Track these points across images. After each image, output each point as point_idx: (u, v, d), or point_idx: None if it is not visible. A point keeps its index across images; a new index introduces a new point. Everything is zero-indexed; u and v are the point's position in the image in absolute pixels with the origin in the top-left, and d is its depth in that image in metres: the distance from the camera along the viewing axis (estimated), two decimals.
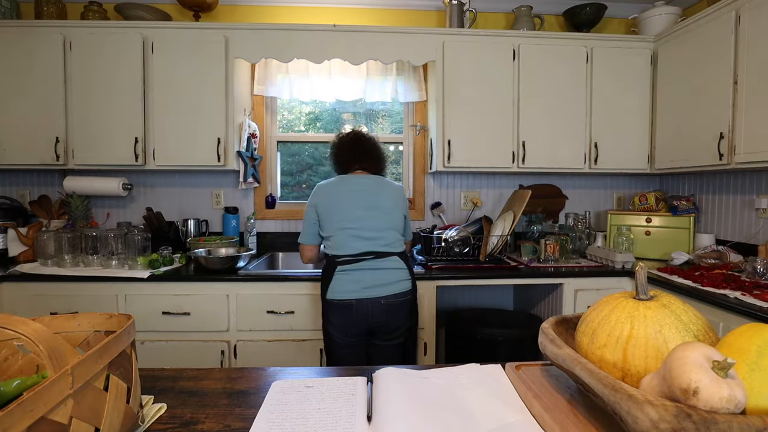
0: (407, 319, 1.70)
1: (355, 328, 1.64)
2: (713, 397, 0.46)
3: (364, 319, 1.62)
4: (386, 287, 1.64)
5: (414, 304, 1.73)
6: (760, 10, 1.74)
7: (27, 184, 2.55)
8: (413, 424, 0.66)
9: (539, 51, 2.30)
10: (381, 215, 1.69)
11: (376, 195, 1.71)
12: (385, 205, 1.71)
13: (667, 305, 0.62)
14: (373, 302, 1.62)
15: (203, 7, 2.40)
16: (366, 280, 1.63)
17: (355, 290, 1.62)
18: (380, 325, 1.65)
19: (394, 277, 1.66)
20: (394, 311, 1.65)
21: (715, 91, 1.94)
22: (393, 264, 1.67)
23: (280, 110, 2.75)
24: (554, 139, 2.33)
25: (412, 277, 1.72)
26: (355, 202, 1.68)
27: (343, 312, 1.62)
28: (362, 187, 1.71)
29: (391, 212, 1.72)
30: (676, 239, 2.29)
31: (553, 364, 0.78)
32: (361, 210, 1.67)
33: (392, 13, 2.62)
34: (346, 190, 1.70)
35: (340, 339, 1.65)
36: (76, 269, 1.96)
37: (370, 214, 1.68)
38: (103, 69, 2.16)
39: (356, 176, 1.76)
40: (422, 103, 2.67)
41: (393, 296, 1.64)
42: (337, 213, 1.67)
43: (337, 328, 1.64)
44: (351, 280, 1.63)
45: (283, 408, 0.73)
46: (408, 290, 1.69)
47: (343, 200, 1.68)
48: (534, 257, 2.23)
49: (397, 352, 1.72)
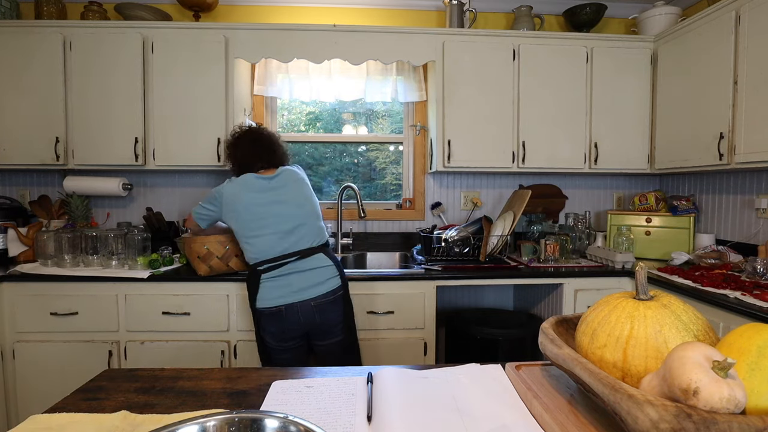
0: (341, 315, 1.67)
1: (289, 333, 1.61)
2: (713, 397, 0.46)
3: (296, 323, 1.60)
4: (315, 288, 1.61)
5: (346, 299, 1.70)
6: (760, 10, 1.74)
7: (27, 184, 2.55)
8: (413, 424, 0.66)
9: (539, 51, 2.29)
10: (294, 209, 1.66)
11: (283, 189, 1.67)
12: (295, 197, 1.67)
13: (667, 305, 0.62)
14: (303, 305, 1.59)
15: (203, 7, 2.40)
16: (293, 284, 1.59)
17: (283, 295, 1.59)
18: (315, 326, 1.62)
19: (322, 277, 1.63)
20: (327, 311, 1.62)
21: (715, 91, 1.94)
22: (319, 263, 1.64)
23: (281, 110, 2.75)
24: (554, 139, 2.33)
25: (340, 273, 1.69)
26: (267, 204, 1.63)
27: (274, 319, 1.59)
28: (269, 186, 1.66)
29: (305, 203, 1.69)
30: (676, 239, 2.29)
31: (553, 364, 0.78)
32: (274, 209, 1.63)
33: (392, 13, 2.62)
34: (255, 192, 1.64)
35: (276, 345, 1.62)
36: (76, 269, 1.96)
37: (285, 211, 1.64)
38: (103, 69, 2.16)
39: (259, 175, 1.69)
40: (422, 103, 2.67)
41: (323, 296, 1.61)
42: (251, 219, 1.62)
43: (271, 335, 1.61)
44: (278, 286, 1.59)
45: (283, 408, 0.73)
46: (338, 287, 1.66)
47: (254, 205, 1.63)
48: (534, 257, 2.23)
49: (338, 350, 1.69)
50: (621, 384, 0.53)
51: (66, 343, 1.90)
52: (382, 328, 1.95)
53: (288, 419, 0.55)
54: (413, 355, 1.97)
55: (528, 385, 0.74)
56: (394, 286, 1.95)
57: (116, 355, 1.91)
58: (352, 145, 2.81)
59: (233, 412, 0.58)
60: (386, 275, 1.96)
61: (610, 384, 0.53)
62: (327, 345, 1.67)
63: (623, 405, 0.51)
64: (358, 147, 2.82)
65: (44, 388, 1.91)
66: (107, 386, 0.83)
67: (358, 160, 2.83)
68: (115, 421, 0.70)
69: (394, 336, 1.96)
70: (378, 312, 1.95)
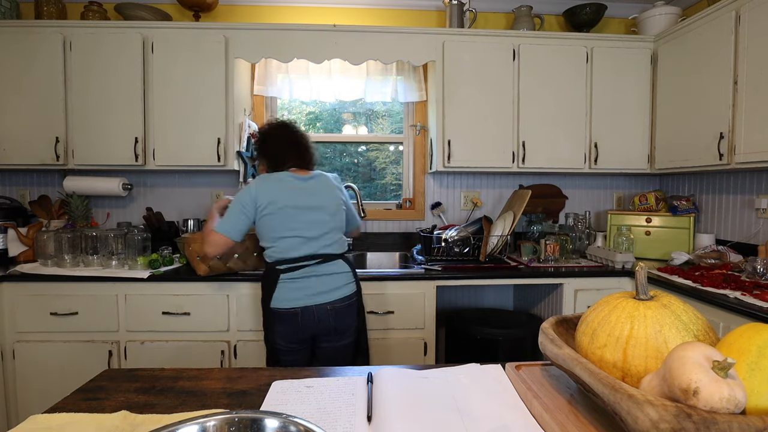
0: (355, 319, 1.67)
1: (301, 335, 1.60)
2: (713, 397, 0.46)
3: (310, 325, 1.59)
4: (332, 293, 1.60)
5: (360, 304, 1.71)
6: (760, 10, 1.74)
7: (27, 184, 2.55)
8: (413, 424, 0.66)
9: (539, 51, 2.29)
10: (326, 216, 1.63)
11: (319, 194, 1.64)
12: (329, 205, 1.64)
13: (667, 305, 0.62)
14: (319, 308, 1.58)
15: (203, 7, 2.40)
16: (312, 287, 1.58)
17: (301, 298, 1.57)
18: (328, 329, 1.61)
19: (340, 282, 1.63)
20: (341, 315, 1.62)
21: (715, 91, 1.94)
22: (338, 268, 1.64)
23: (281, 110, 2.75)
24: (554, 139, 2.33)
25: (356, 279, 1.69)
26: (301, 208, 1.59)
27: (288, 320, 1.58)
28: (305, 187, 1.62)
29: (337, 213, 1.67)
30: (676, 239, 2.29)
31: (553, 364, 0.78)
32: (308, 215, 1.60)
33: (392, 13, 2.62)
34: (290, 192, 1.59)
35: (284, 346, 1.61)
36: (76, 269, 1.96)
37: (316, 216, 1.61)
38: (103, 69, 2.16)
39: (295, 175, 1.64)
40: (422, 103, 2.67)
41: (339, 300, 1.61)
42: (283, 220, 1.57)
43: (282, 336, 1.60)
44: (296, 287, 1.58)
45: (283, 408, 0.73)
46: (353, 293, 1.66)
47: (289, 207, 1.58)
48: (534, 257, 2.23)
49: (346, 352, 1.69)
50: (621, 384, 0.53)
51: (66, 343, 1.90)
52: (382, 328, 1.95)
53: (288, 419, 0.55)
54: (413, 355, 1.97)
55: (528, 385, 0.74)
56: (394, 286, 1.95)
57: (116, 355, 1.91)
58: (352, 145, 2.81)
59: (233, 412, 0.58)
60: (386, 275, 1.96)
61: (610, 384, 0.53)
62: (334, 348, 1.67)
63: (623, 405, 0.51)
64: (358, 147, 2.82)
65: (44, 388, 1.91)
66: (107, 386, 0.83)
67: (358, 160, 2.83)
68: (115, 421, 0.70)
69: (394, 336, 1.97)
70: (378, 312, 1.95)
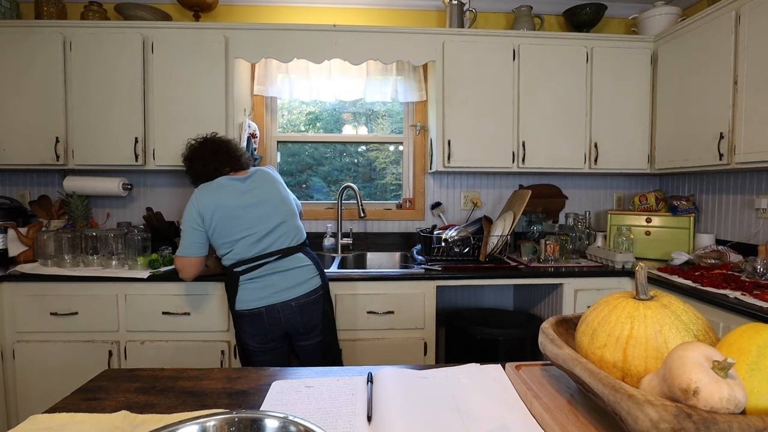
0: (321, 315, 1.66)
1: (270, 335, 1.60)
2: (713, 397, 0.46)
3: (277, 324, 1.58)
4: (295, 288, 1.59)
5: (327, 298, 1.69)
6: (760, 10, 1.74)
7: (27, 184, 2.55)
8: (413, 424, 0.66)
9: (539, 51, 2.29)
10: (273, 208, 1.62)
11: (260, 189, 1.63)
12: (273, 197, 1.64)
13: (667, 305, 0.62)
14: (284, 306, 1.57)
15: (203, 7, 2.40)
16: (274, 285, 1.57)
17: (264, 297, 1.56)
18: (296, 326, 1.61)
19: (303, 276, 1.61)
20: (307, 311, 1.61)
21: (715, 91, 1.94)
22: (299, 262, 1.62)
23: (281, 110, 2.75)
24: (554, 139, 2.33)
25: (320, 272, 1.67)
26: (245, 207, 1.59)
27: (254, 321, 1.57)
28: (245, 187, 1.62)
29: (284, 204, 1.66)
30: (676, 239, 2.29)
31: (553, 364, 0.78)
32: (253, 211, 1.59)
33: (392, 13, 2.62)
34: (233, 194, 1.59)
35: (257, 347, 1.60)
36: (76, 269, 1.96)
37: (262, 211, 1.60)
38: (103, 69, 2.16)
39: (233, 177, 1.64)
40: (422, 103, 2.67)
41: (304, 296, 1.60)
42: (231, 223, 1.57)
43: (251, 337, 1.59)
44: (258, 287, 1.57)
45: (283, 408, 0.73)
46: (318, 286, 1.64)
47: (234, 208, 1.58)
48: (534, 257, 2.23)
49: (319, 351, 1.68)
50: (621, 384, 0.53)
51: (66, 343, 1.90)
52: (382, 328, 1.95)
53: (288, 419, 0.55)
54: (413, 355, 1.97)
55: (528, 385, 0.74)
56: (394, 286, 1.95)
57: (116, 355, 1.91)
58: (352, 145, 2.81)
59: (233, 412, 0.58)
60: (386, 275, 1.96)
61: (610, 384, 0.53)
62: (308, 345, 1.67)
63: (623, 405, 0.51)
64: (358, 147, 2.82)
65: (44, 388, 1.91)
66: (107, 386, 0.83)
67: (358, 160, 2.83)
68: (115, 421, 0.70)
69: (394, 336, 1.97)
70: (378, 312, 1.95)
